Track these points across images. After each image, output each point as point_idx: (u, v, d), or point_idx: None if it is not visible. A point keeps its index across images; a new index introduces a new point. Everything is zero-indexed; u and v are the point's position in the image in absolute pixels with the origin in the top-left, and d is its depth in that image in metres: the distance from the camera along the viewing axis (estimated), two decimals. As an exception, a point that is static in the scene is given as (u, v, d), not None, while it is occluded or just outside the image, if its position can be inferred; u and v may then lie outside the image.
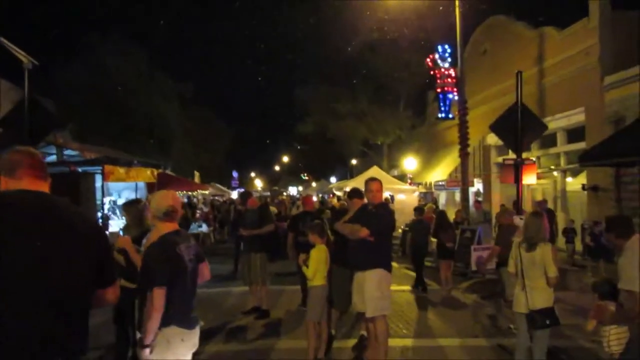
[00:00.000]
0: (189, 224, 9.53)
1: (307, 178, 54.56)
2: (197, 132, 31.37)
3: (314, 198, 16.48)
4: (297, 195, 38.40)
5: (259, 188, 64.38)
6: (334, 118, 26.61)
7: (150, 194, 3.35)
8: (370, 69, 25.02)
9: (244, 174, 70.13)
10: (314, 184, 47.09)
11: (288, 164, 60.92)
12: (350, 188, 7.02)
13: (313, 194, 27.08)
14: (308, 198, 8.57)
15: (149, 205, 3.32)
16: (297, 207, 15.77)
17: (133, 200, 5.30)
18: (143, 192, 13.76)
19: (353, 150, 31.76)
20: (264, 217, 7.41)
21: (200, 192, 24.05)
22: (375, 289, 4.94)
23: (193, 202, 22.31)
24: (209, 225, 17.06)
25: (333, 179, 41.55)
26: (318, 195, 25.44)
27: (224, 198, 31.49)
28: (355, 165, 36.73)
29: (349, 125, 26.15)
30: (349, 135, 27.20)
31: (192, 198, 24.71)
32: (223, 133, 37.69)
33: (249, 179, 72.40)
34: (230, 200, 22.36)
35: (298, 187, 56.55)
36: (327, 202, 16.24)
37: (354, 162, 36.81)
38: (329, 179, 42.43)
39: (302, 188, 52.72)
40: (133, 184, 13.69)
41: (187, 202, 21.36)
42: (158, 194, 3.27)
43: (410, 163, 22.37)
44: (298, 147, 45.03)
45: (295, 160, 55.83)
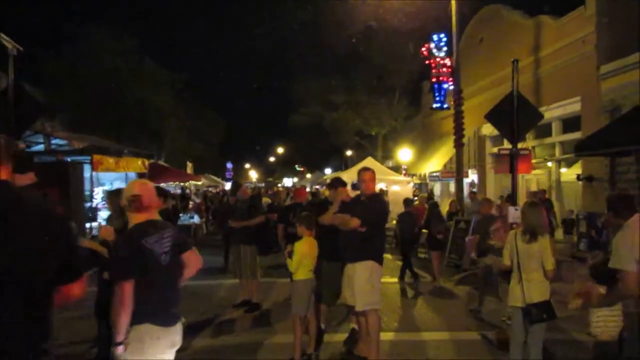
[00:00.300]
0: (178, 215, 9.35)
1: (301, 169, 54.36)
2: (191, 122, 31.09)
3: (307, 189, 16.35)
4: (292, 187, 38.22)
5: (254, 179, 64.15)
6: (329, 109, 26.40)
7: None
8: (365, 59, 24.80)
9: (239, 165, 69.92)
10: (309, 176, 46.89)
11: (283, 155, 60.68)
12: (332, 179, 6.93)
13: (307, 186, 26.93)
14: (300, 189, 8.51)
15: None
16: (291, 198, 15.62)
17: (116, 190, 5.11)
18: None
19: (348, 141, 31.62)
20: (255, 208, 7.25)
21: (193, 182, 23.85)
22: (366, 282, 4.80)
23: (186, 193, 22.09)
24: (201, 217, 16.88)
25: (328, 171, 41.37)
26: (311, 187, 25.26)
27: (218, 189, 31.28)
28: (350, 157, 36.58)
29: (344, 116, 25.97)
30: (344, 126, 27.04)
31: (185, 189, 24.51)
32: (217, 124, 37.42)
33: (244, 170, 72.12)
34: (224, 192, 22.16)
35: (293, 178, 56.32)
36: (320, 193, 16.11)
37: (349, 153, 36.65)
38: (324, 171, 42.25)
39: (296, 179, 52.52)
40: (124, 175, 13.47)
41: (180, 193, 21.19)
42: (129, 183, 3.10)
43: (405, 154, 22.24)
44: (293, 138, 44.81)
45: (290, 152, 55.58)
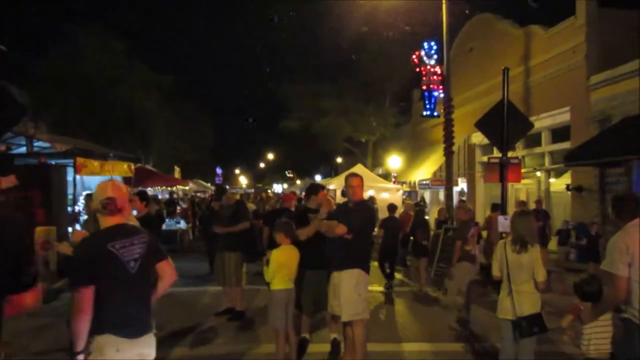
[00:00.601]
0: (162, 220, 9.13)
1: (291, 176, 54.17)
2: (180, 126, 30.77)
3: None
4: (282, 193, 37.95)
5: (244, 185, 63.82)
6: (319, 115, 26.31)
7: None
8: (356, 66, 24.78)
9: (229, 171, 69.49)
10: (298, 182, 46.71)
11: (273, 162, 60.47)
12: (309, 185, 6.81)
13: (297, 192, 26.71)
14: (289, 194, 8.40)
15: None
16: (280, 204, 15.45)
17: (93, 193, 4.91)
18: (120, 187, 13.26)
19: (338, 148, 31.52)
20: (239, 213, 7.06)
21: (180, 187, 23.52)
22: (352, 291, 4.65)
23: (174, 198, 21.77)
24: (188, 222, 16.60)
25: (318, 177, 41.23)
26: (300, 193, 25.07)
27: (206, 194, 30.94)
28: (340, 164, 36.47)
29: (334, 122, 25.88)
30: (334, 133, 26.94)
31: (173, 194, 24.19)
32: (207, 128, 37.11)
33: (234, 176, 71.72)
34: (212, 197, 21.85)
35: (283, 184, 56.10)
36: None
37: (339, 160, 36.55)
38: (314, 177, 42.09)
39: (286, 186, 52.29)
40: (110, 178, 13.19)
41: (168, 198, 20.86)
42: (99, 184, 2.92)
43: (395, 161, 22.19)
44: (282, 144, 44.64)
45: (280, 158, 55.39)
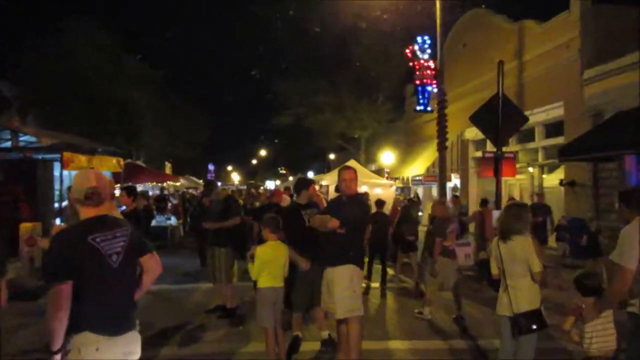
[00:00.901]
0: (151, 216, 8.96)
1: (284, 172, 53.98)
2: (172, 122, 30.45)
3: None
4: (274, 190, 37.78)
5: (236, 182, 63.51)
6: (312, 110, 26.14)
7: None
8: (349, 61, 24.60)
9: (221, 167, 69.14)
10: (291, 178, 46.55)
11: (265, 158, 60.19)
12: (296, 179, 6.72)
13: (290, 188, 26.60)
14: (278, 190, 8.31)
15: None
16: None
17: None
18: (109, 182, 13.03)
19: (331, 144, 31.39)
20: (230, 209, 6.89)
21: (171, 183, 23.25)
22: (346, 288, 4.51)
23: (164, 194, 21.51)
24: (178, 218, 16.40)
25: (310, 174, 41.08)
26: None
27: (198, 191, 30.69)
28: (333, 160, 36.35)
29: (327, 118, 25.72)
30: (327, 128, 26.79)
31: (164, 190, 23.92)
32: (200, 124, 36.79)
33: (226, 172, 71.35)
34: (203, 193, 21.59)
35: (275, 181, 55.92)
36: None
37: (332, 156, 36.40)
38: (307, 174, 41.94)
39: (279, 182, 52.16)
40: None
41: (158, 193, 20.61)
42: (79, 173, 2.76)
43: (388, 157, 22.08)
44: (275, 140, 44.48)
45: (273, 154, 55.11)
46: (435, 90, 15.35)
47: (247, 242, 8.26)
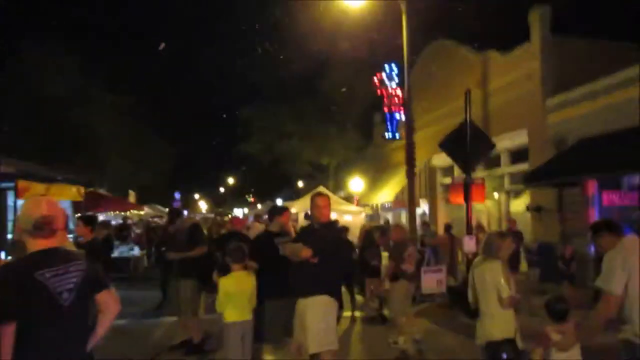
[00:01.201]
0: (111, 247, 8.52)
1: (252, 200, 53.45)
2: (136, 150, 29.76)
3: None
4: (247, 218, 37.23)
5: (203, 210, 62.38)
6: (280, 138, 26.11)
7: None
8: (317, 90, 24.83)
9: (188, 196, 67.75)
10: (259, 206, 46.06)
11: (233, 186, 59.52)
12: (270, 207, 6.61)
13: (262, 215, 26.17)
14: (237, 218, 8.13)
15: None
16: (246, 228, 14.95)
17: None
18: (69, 211, 12.48)
19: (299, 172, 31.33)
20: (195, 237, 6.60)
21: (135, 212, 22.55)
22: (320, 320, 4.29)
23: (127, 223, 20.80)
24: (142, 248, 15.79)
25: (279, 201, 40.75)
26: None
27: (163, 220, 29.86)
28: (302, 188, 36.20)
29: (295, 146, 25.72)
30: (295, 156, 26.76)
31: (127, 219, 23.17)
32: (165, 153, 36.16)
33: (193, 201, 69.99)
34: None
35: (243, 209, 55.21)
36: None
37: (300, 184, 36.29)
38: (275, 201, 41.59)
39: (247, 210, 51.49)
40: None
41: (120, 223, 19.91)
42: (29, 201, 2.51)
43: (357, 184, 22.10)
44: (243, 168, 44.13)
45: (241, 182, 54.57)
46: (404, 119, 15.55)
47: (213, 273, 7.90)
